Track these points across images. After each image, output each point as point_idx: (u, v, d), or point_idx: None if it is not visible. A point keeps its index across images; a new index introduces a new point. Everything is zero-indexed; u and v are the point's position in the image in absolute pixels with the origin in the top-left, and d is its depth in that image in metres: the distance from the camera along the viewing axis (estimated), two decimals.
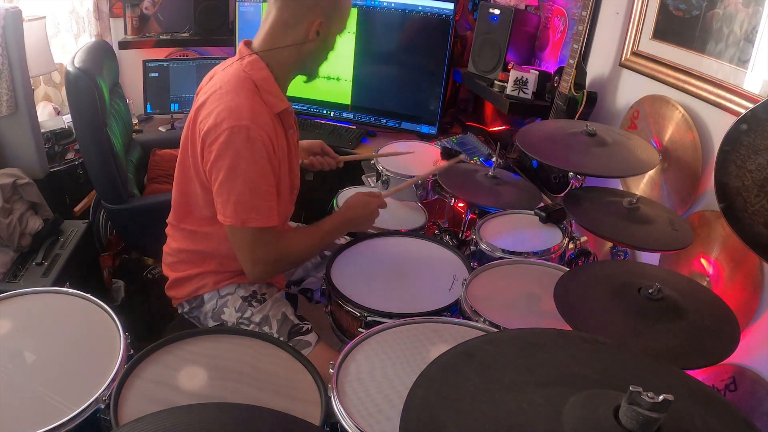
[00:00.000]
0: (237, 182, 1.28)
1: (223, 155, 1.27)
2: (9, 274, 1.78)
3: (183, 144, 1.41)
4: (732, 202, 1.28)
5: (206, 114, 1.31)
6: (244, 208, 1.29)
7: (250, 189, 1.29)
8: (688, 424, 0.65)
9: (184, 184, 1.43)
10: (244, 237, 1.34)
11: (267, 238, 1.35)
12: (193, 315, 1.55)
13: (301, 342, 1.43)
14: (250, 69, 1.35)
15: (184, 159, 1.42)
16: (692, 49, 1.59)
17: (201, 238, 1.46)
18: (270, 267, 1.40)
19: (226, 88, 1.32)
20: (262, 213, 1.31)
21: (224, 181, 1.29)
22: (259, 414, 0.85)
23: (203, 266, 1.49)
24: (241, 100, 1.29)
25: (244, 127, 1.26)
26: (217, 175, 1.30)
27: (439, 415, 0.67)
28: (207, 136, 1.29)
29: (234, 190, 1.29)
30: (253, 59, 1.36)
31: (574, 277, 1.23)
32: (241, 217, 1.30)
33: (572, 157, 1.55)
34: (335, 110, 2.73)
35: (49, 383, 1.03)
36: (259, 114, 1.30)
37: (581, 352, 0.78)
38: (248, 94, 1.31)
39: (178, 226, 1.50)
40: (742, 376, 1.37)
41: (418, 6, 2.46)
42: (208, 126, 1.29)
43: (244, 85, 1.32)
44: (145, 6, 2.87)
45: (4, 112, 2.00)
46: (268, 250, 1.36)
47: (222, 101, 1.29)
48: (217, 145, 1.27)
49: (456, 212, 2.00)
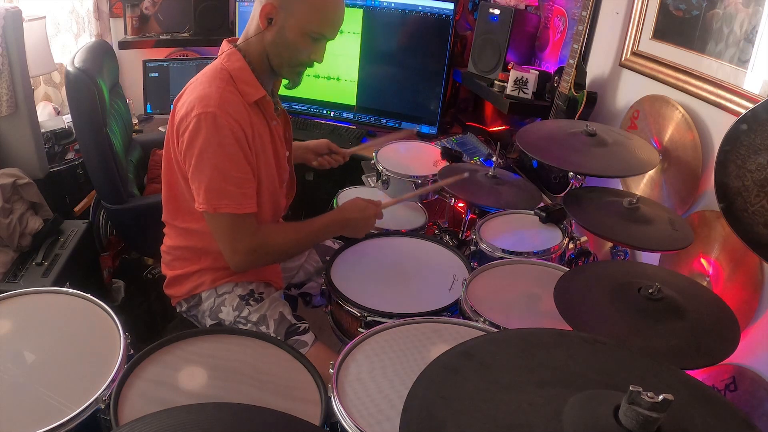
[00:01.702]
0: (206, 168, 1.30)
1: (192, 142, 1.29)
2: (9, 274, 1.78)
3: (166, 139, 1.42)
4: (732, 202, 1.28)
5: (180, 105, 1.34)
6: (215, 194, 1.31)
7: (220, 174, 1.30)
8: (688, 424, 0.65)
9: (170, 177, 1.44)
10: (221, 224, 1.35)
11: (244, 225, 1.35)
12: (192, 314, 1.55)
13: (298, 342, 1.43)
14: (227, 61, 1.37)
15: (168, 154, 1.43)
16: (692, 49, 1.59)
17: (193, 234, 1.47)
18: (249, 256, 1.38)
19: (201, 80, 1.35)
20: (234, 199, 1.32)
21: (195, 168, 1.31)
22: (259, 414, 0.85)
23: (199, 263, 1.49)
24: (212, 89, 1.31)
25: (210, 114, 1.28)
26: (189, 162, 1.32)
27: (439, 415, 0.67)
28: (180, 125, 1.32)
29: (204, 176, 1.30)
30: (230, 52, 1.39)
31: (574, 277, 1.23)
32: (212, 203, 1.31)
33: (572, 157, 1.55)
34: (335, 110, 2.73)
35: (49, 383, 1.03)
36: (228, 102, 1.31)
37: (581, 352, 0.78)
38: (220, 84, 1.32)
39: (172, 224, 1.50)
40: (742, 376, 1.37)
41: (418, 6, 2.46)
42: (180, 115, 1.32)
43: (217, 76, 1.34)
44: (145, 6, 2.87)
45: (4, 112, 2.00)
46: (247, 238, 1.36)
47: (194, 91, 1.32)
48: (187, 133, 1.30)
49: (456, 212, 2.00)
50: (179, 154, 1.35)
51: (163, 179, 1.47)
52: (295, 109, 2.73)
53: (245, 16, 2.71)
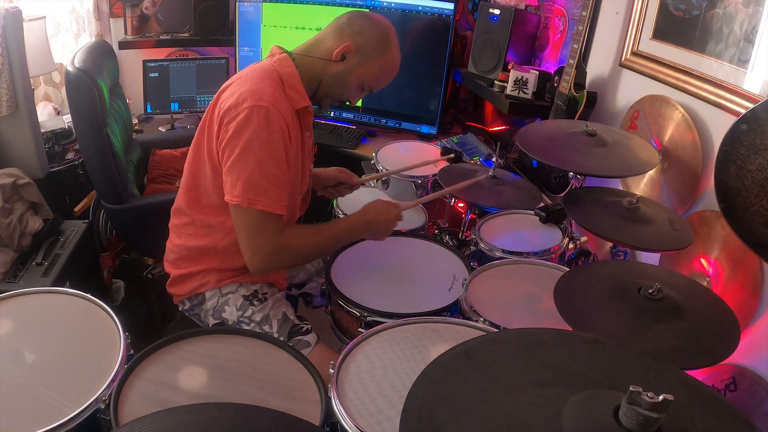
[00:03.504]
0: (250, 161, 1.28)
1: (240, 133, 1.28)
2: (9, 274, 1.78)
3: (200, 127, 1.41)
4: (732, 202, 1.28)
5: (228, 95, 1.33)
6: (253, 188, 1.29)
7: (262, 169, 1.29)
8: (688, 424, 0.65)
9: (196, 167, 1.43)
10: (249, 219, 1.32)
11: (270, 225, 1.33)
12: (194, 312, 1.55)
13: (301, 342, 1.43)
14: (279, 64, 1.38)
15: (199, 141, 1.42)
16: (692, 49, 1.59)
17: (205, 232, 1.46)
18: (270, 258, 1.35)
19: (251, 76, 1.35)
20: (270, 197, 1.30)
21: (237, 159, 1.29)
22: (259, 414, 0.85)
23: (205, 263, 1.48)
24: (265, 86, 1.31)
25: (264, 108, 1.28)
26: (231, 152, 1.30)
27: (439, 415, 0.67)
28: (226, 114, 1.30)
29: (246, 168, 1.29)
30: (283, 57, 1.40)
31: (574, 277, 1.23)
32: (249, 196, 1.29)
33: (572, 157, 1.55)
34: (335, 110, 2.73)
35: (49, 383, 1.03)
36: (280, 101, 1.32)
37: (581, 352, 0.78)
38: (272, 83, 1.33)
39: (188, 213, 1.48)
40: (742, 376, 1.37)
41: (418, 6, 2.46)
42: (228, 105, 1.30)
43: (269, 75, 1.35)
44: (145, 6, 2.87)
45: (4, 112, 2.00)
46: (270, 239, 1.33)
47: (246, 84, 1.32)
48: (235, 123, 1.28)
49: (456, 212, 2.00)
50: (218, 144, 1.33)
51: (186, 167, 1.46)
52: None
53: (245, 16, 2.72)
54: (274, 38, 2.70)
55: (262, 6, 2.67)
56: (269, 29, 2.71)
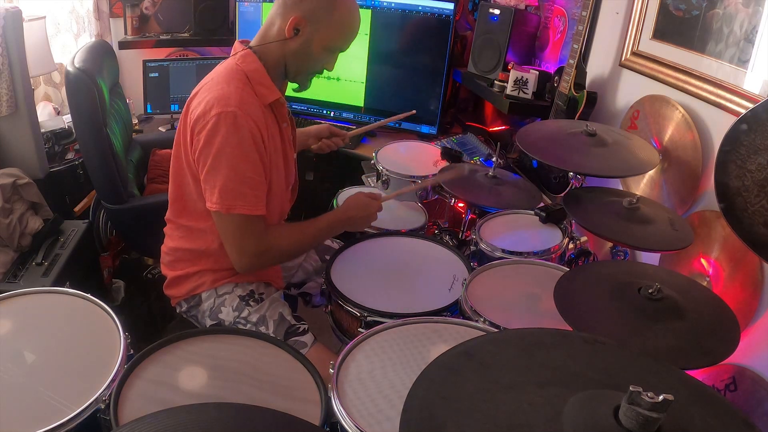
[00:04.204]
0: (222, 168, 1.29)
1: (210, 141, 1.29)
2: (9, 274, 1.78)
3: (177, 137, 1.42)
4: (732, 202, 1.28)
5: (197, 103, 1.33)
6: (229, 194, 1.30)
7: (236, 175, 1.30)
8: (688, 424, 0.65)
9: (179, 177, 1.44)
10: (231, 224, 1.34)
11: (254, 227, 1.35)
12: (191, 314, 1.55)
13: (298, 342, 1.43)
14: (242, 62, 1.38)
15: (177, 152, 1.42)
16: (692, 49, 1.59)
17: (197, 235, 1.46)
18: (257, 259, 1.38)
19: (217, 80, 1.35)
20: (248, 200, 1.32)
21: (211, 167, 1.30)
22: (259, 414, 0.85)
23: (200, 264, 1.49)
24: (231, 89, 1.31)
25: (231, 114, 1.28)
26: (205, 161, 1.31)
27: (439, 415, 0.67)
28: (196, 124, 1.31)
29: (220, 176, 1.30)
30: (245, 53, 1.39)
31: (574, 277, 1.23)
32: (226, 203, 1.30)
33: (572, 157, 1.55)
34: (335, 110, 2.73)
35: (49, 383, 1.03)
36: (247, 103, 1.31)
37: (581, 352, 0.78)
38: (238, 84, 1.33)
39: (176, 222, 1.50)
40: (742, 376, 1.37)
41: (418, 6, 2.46)
42: (197, 114, 1.31)
43: (234, 76, 1.35)
44: (145, 6, 2.87)
45: (4, 112, 2.00)
46: (256, 240, 1.36)
47: (212, 91, 1.32)
48: (205, 132, 1.29)
49: (456, 212, 2.00)
50: (192, 154, 1.35)
51: (171, 178, 1.47)
52: (295, 109, 2.73)
53: (245, 16, 2.71)
54: None
55: (262, 6, 2.67)
56: None
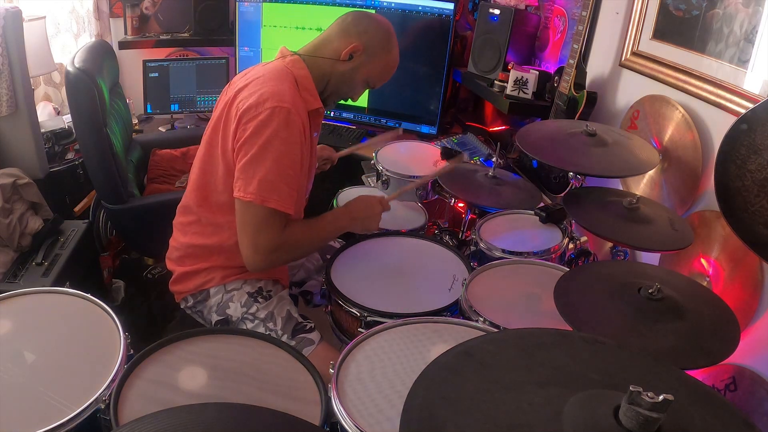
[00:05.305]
0: (267, 160, 1.30)
1: (259, 131, 1.30)
2: (9, 274, 1.78)
3: (213, 125, 1.43)
4: (732, 202, 1.28)
5: (247, 95, 1.34)
6: (267, 186, 1.30)
7: (278, 169, 1.31)
8: (688, 424, 0.65)
9: (208, 165, 1.44)
10: (256, 216, 1.33)
11: (275, 223, 1.34)
12: (197, 309, 1.55)
13: (305, 340, 1.43)
14: (292, 66, 1.42)
15: (212, 139, 1.42)
16: (692, 49, 1.59)
17: (212, 231, 1.46)
18: (269, 255, 1.37)
19: (269, 76, 1.37)
20: (282, 196, 1.32)
21: (254, 157, 1.30)
22: (259, 414, 0.85)
23: (211, 261, 1.49)
24: (284, 87, 1.35)
25: (285, 109, 1.30)
26: (248, 150, 1.31)
27: (439, 415, 0.67)
28: (245, 113, 1.31)
29: (262, 167, 1.30)
30: (294, 59, 1.43)
31: (574, 277, 1.23)
32: (262, 194, 1.30)
33: (572, 157, 1.55)
34: (335, 110, 2.73)
35: (49, 383, 1.03)
36: (298, 103, 1.35)
37: (581, 352, 0.78)
38: (290, 85, 1.37)
39: (195, 213, 1.48)
40: (742, 376, 1.37)
41: (418, 6, 2.46)
42: (248, 104, 1.31)
43: (285, 77, 1.38)
44: (145, 6, 2.87)
45: (4, 112, 2.00)
46: (273, 236, 1.34)
47: (266, 85, 1.34)
48: (255, 122, 1.30)
49: (456, 212, 2.00)
50: (234, 142, 1.34)
51: (197, 165, 1.47)
52: None
53: (245, 16, 2.72)
54: (274, 38, 2.70)
55: (262, 6, 2.67)
56: (269, 29, 2.71)
